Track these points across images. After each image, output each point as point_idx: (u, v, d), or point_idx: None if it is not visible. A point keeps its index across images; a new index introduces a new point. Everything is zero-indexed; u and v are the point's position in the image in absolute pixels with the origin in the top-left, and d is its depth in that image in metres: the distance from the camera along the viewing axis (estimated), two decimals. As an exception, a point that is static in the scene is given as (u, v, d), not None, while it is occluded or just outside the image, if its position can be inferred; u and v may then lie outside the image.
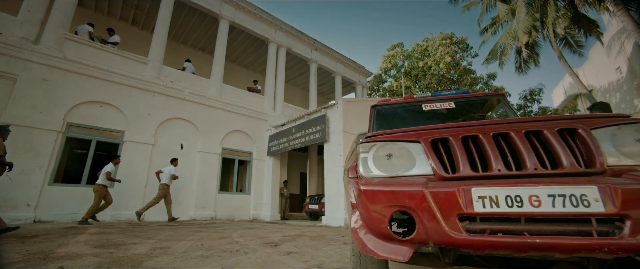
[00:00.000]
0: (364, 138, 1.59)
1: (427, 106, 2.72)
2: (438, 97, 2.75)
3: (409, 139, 1.40)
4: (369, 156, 1.42)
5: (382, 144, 1.43)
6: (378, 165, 1.38)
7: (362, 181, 1.35)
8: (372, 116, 2.83)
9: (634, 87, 14.48)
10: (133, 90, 7.78)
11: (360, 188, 1.28)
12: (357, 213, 1.33)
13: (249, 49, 13.33)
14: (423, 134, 1.39)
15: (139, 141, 7.59)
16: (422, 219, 1.11)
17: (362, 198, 1.26)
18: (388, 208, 1.17)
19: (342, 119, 7.67)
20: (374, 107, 2.90)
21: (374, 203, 1.21)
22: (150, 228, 5.46)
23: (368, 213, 1.23)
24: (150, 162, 7.68)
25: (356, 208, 1.34)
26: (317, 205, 8.98)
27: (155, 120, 8.02)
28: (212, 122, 9.31)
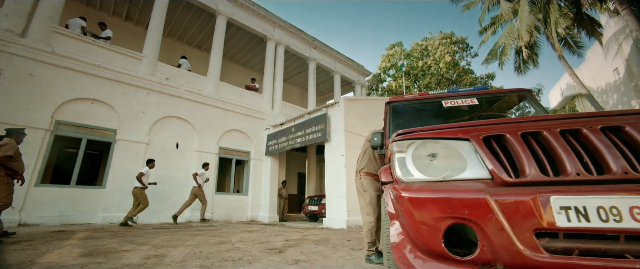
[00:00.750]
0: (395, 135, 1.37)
1: (448, 102, 2.51)
2: (460, 93, 2.55)
3: (454, 136, 1.18)
4: (407, 157, 1.20)
5: (422, 142, 1.21)
6: (419, 167, 1.16)
7: (401, 186, 1.12)
8: (387, 113, 2.62)
9: (632, 88, 14.54)
10: (126, 87, 7.46)
11: (402, 195, 1.06)
12: (397, 225, 1.11)
13: (247, 47, 13.05)
14: (471, 130, 1.18)
15: (133, 140, 7.27)
16: (487, 235, 0.89)
17: (406, 207, 1.03)
18: (441, 220, 0.95)
19: (344, 118, 7.46)
20: (389, 104, 2.68)
21: (422, 213, 0.99)
22: (144, 231, 5.17)
23: (414, 226, 1.01)
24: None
25: (396, 218, 1.12)
26: (317, 206, 8.75)
27: (149, 118, 7.71)
28: (209, 120, 9.02)
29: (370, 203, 2.69)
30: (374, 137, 2.42)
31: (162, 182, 7.66)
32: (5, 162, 3.65)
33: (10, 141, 3.82)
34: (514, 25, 13.16)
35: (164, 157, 7.82)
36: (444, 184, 1.04)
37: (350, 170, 7.16)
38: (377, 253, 2.62)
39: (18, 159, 3.87)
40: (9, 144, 3.75)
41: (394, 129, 2.46)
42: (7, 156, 3.64)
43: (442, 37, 14.87)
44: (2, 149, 3.66)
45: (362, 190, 2.78)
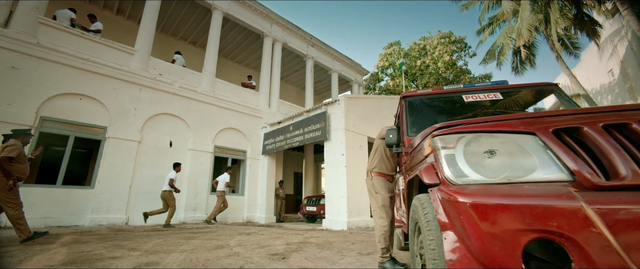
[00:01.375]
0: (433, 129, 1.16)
1: (469, 97, 2.32)
2: (483, 87, 2.36)
3: (513, 128, 0.98)
4: (457, 153, 0.99)
5: (474, 137, 1.00)
6: (474, 166, 0.95)
7: (452, 188, 0.91)
8: (403, 108, 2.41)
9: (626, 90, 14.68)
10: (117, 82, 7.12)
11: (460, 200, 0.85)
12: (451, 238, 0.89)
13: (243, 44, 12.74)
14: (535, 121, 0.97)
15: (124, 137, 6.94)
16: (587, 255, 0.68)
17: (467, 216, 0.82)
18: (520, 234, 0.75)
19: (344, 116, 7.25)
20: (404, 98, 2.47)
21: (492, 224, 0.78)
22: (135, 234, 4.88)
23: (480, 240, 0.80)
24: (135, 161, 7.04)
25: (450, 229, 0.90)
26: (315, 207, 8.53)
27: (141, 115, 7.38)
28: (204, 118, 8.71)
29: (383, 206, 2.49)
30: (389, 134, 2.21)
31: (155, 183, 7.34)
32: (4, 163, 3.44)
33: (16, 142, 3.66)
34: (512, 26, 13.14)
35: (156, 156, 7.50)
36: (516, 188, 0.83)
37: (350, 170, 6.96)
38: (391, 259, 2.42)
39: (23, 161, 3.70)
40: (14, 145, 3.59)
41: (411, 125, 2.25)
42: (7, 157, 3.46)
43: (440, 37, 14.79)
44: (5, 150, 3.50)
45: (374, 191, 2.57)
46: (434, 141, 1.10)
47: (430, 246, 1.01)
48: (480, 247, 0.79)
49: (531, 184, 0.86)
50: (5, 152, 3.48)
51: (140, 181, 7.05)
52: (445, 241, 0.89)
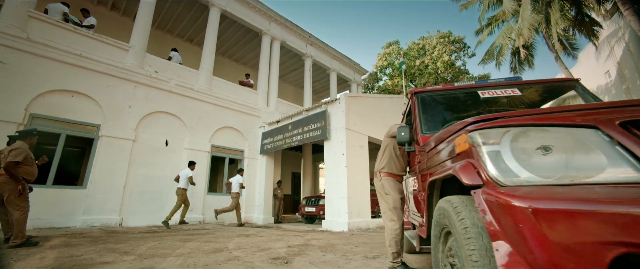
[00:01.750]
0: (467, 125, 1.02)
1: (485, 93, 2.19)
2: (500, 83, 2.23)
3: (568, 121, 0.84)
4: (503, 150, 0.86)
5: (522, 131, 0.87)
6: (526, 164, 0.82)
7: (502, 190, 0.77)
8: (415, 104, 2.27)
9: (623, 91, 14.76)
10: (111, 79, 6.90)
11: (516, 205, 0.71)
12: (504, 249, 0.75)
13: (241, 42, 12.54)
14: (595, 113, 0.84)
15: (118, 136, 6.73)
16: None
17: (530, 225, 0.69)
18: (604, 248, 0.61)
19: (345, 115, 7.11)
20: (416, 94, 2.34)
21: (566, 235, 0.64)
22: (129, 236, 4.69)
23: (548, 255, 0.66)
24: (130, 160, 6.83)
25: (502, 238, 0.76)
26: (314, 207, 8.37)
27: (136, 113, 7.17)
28: (201, 117, 8.52)
29: (394, 208, 2.35)
30: (400, 131, 2.08)
31: (150, 183, 7.14)
32: (11, 168, 3.40)
33: (22, 144, 3.57)
34: (511, 26, 13.13)
35: (152, 155, 7.30)
36: (588, 191, 0.70)
37: (351, 170, 6.83)
38: (402, 264, 2.28)
39: (30, 163, 3.63)
40: (19, 148, 3.50)
41: (425, 122, 2.12)
42: (14, 162, 3.41)
43: (439, 36, 14.73)
44: (11, 154, 3.42)
45: (384, 193, 2.43)
46: (472, 136, 0.97)
47: (471, 257, 0.87)
48: (547, 262, 0.65)
49: (602, 186, 0.72)
50: (11, 156, 3.40)
51: (134, 181, 6.85)
52: (497, 253, 0.75)
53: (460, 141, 1.06)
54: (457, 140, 1.09)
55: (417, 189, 2.19)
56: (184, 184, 6.86)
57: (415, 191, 2.28)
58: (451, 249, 1.15)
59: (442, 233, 1.25)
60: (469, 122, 1.09)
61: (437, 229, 1.28)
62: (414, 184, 2.30)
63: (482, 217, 0.81)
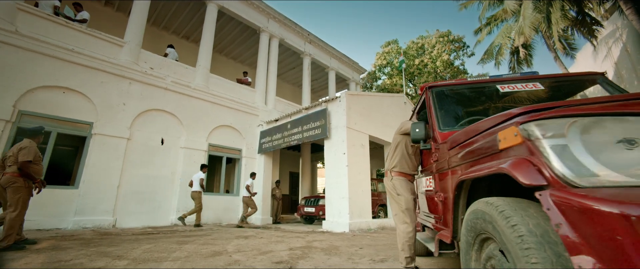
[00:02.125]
0: (514, 116, 0.88)
1: (505, 87, 2.06)
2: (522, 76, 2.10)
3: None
4: (572, 144, 0.72)
5: (595, 121, 0.73)
6: (607, 160, 0.67)
7: (576, 192, 0.63)
8: (430, 100, 2.13)
9: (620, 91, 14.82)
10: (105, 75, 6.68)
11: (610, 211, 0.56)
12: (587, 265, 0.60)
13: (238, 39, 12.34)
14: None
15: (112, 134, 6.51)
16: None
17: (632, 238, 0.54)
18: None
19: (346, 113, 6.97)
20: (430, 89, 2.20)
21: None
22: (122, 238, 4.49)
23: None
24: (124, 159, 6.62)
25: (589, 253, 0.61)
26: (313, 208, 8.22)
27: (131, 111, 6.95)
28: (198, 115, 8.31)
29: (406, 209, 2.21)
30: (415, 128, 1.94)
31: (145, 182, 6.93)
32: (25, 167, 3.39)
33: (30, 143, 3.55)
34: (510, 26, 13.10)
35: (147, 154, 7.09)
36: None
37: (352, 169, 6.69)
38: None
39: (37, 162, 3.58)
40: (29, 147, 3.48)
41: (443, 117, 1.98)
42: (27, 161, 3.39)
43: (439, 36, 14.66)
44: (22, 153, 3.39)
45: (395, 193, 2.29)
46: (527, 128, 0.82)
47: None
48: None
49: None
50: (22, 155, 3.37)
51: (129, 181, 6.63)
52: (576, 266, 0.61)
53: (507, 134, 0.91)
54: (503, 133, 0.94)
55: (432, 189, 2.05)
56: (198, 186, 6.96)
57: (429, 192, 2.14)
58: (492, 259, 1.00)
59: (477, 239, 1.11)
60: (515, 113, 0.95)
61: (471, 235, 1.14)
62: (428, 183, 2.15)
63: (554, 225, 0.67)
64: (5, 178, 3.38)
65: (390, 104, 9.12)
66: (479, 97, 2.16)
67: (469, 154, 1.27)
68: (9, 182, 3.36)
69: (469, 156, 1.26)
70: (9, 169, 3.42)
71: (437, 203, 1.99)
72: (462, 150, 1.36)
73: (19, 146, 3.47)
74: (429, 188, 2.14)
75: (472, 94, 2.16)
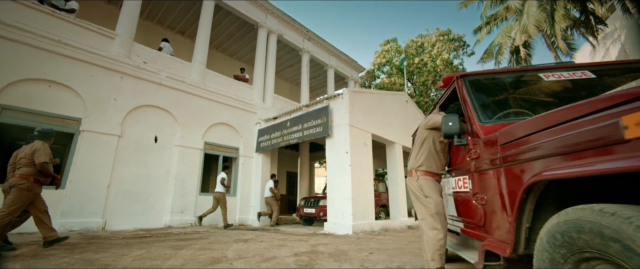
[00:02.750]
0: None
1: (550, 75, 1.82)
2: (567, 64, 1.87)
3: None
4: None
5: None
6: None
7: None
8: (464, 90, 1.88)
9: (617, 92, 14.88)
10: (95, 68, 6.30)
11: None
12: None
13: (235, 35, 11.99)
14: None
15: (101, 131, 6.14)
16: None
17: None
18: None
19: (349, 111, 6.71)
20: (462, 78, 1.95)
21: None
22: (112, 243, 4.16)
23: None
24: (115, 157, 6.26)
25: None
26: (313, 209, 7.94)
27: (122, 107, 6.58)
28: (193, 112, 7.97)
29: (436, 213, 1.95)
30: (448, 121, 1.70)
31: (138, 182, 6.58)
32: (45, 168, 3.43)
33: (43, 144, 3.57)
34: (510, 25, 13.03)
35: (139, 152, 6.73)
36: None
37: (355, 169, 6.44)
38: (447, 283, 1.88)
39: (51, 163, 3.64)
40: (42, 148, 3.50)
41: (482, 109, 1.73)
42: (45, 162, 3.43)
43: (439, 34, 14.52)
44: (37, 154, 3.42)
45: (422, 195, 2.03)
46: None
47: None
48: None
49: None
50: (38, 157, 3.40)
51: (120, 180, 6.28)
52: None
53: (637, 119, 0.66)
54: (634, 118, 0.69)
55: (468, 190, 1.79)
56: (221, 188, 7.07)
57: (462, 194, 1.89)
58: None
59: (572, 258, 0.86)
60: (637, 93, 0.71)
61: (560, 253, 0.89)
62: (461, 184, 1.90)
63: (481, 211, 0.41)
64: (15, 179, 3.37)
65: (392, 103, 8.90)
66: (520, 86, 1.92)
67: (543, 148, 1.02)
68: (16, 183, 3.34)
69: (546, 151, 1.01)
70: (19, 171, 3.39)
71: (473, 207, 1.74)
72: (529, 144, 1.11)
73: (33, 148, 3.46)
74: (462, 190, 1.89)
75: (512, 83, 1.92)
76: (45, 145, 3.57)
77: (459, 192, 1.96)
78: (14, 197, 3.30)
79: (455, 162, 2.09)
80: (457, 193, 1.99)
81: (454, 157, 2.10)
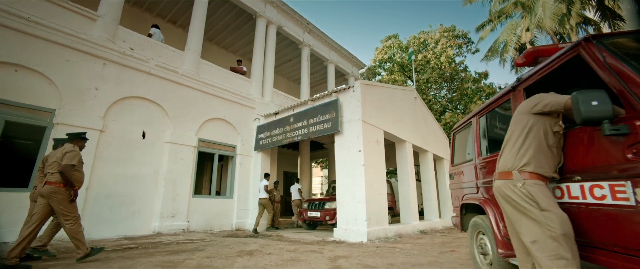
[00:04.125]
0: None
1: None
2: None
3: None
4: None
5: None
6: None
7: None
8: (607, 57, 1.26)
9: (619, 92, 14.80)
10: (72, 52, 5.48)
11: None
12: None
13: (231, 26, 11.20)
14: None
15: (79, 124, 5.32)
16: None
17: None
18: None
19: (361, 105, 6.09)
20: (598, 41, 1.34)
21: None
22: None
23: None
24: (95, 155, 5.46)
25: None
26: (319, 212, 7.28)
27: (105, 97, 5.78)
28: (187, 105, 7.20)
29: (563, 235, 1.33)
30: (590, 100, 1.11)
31: (122, 183, 5.78)
32: (67, 171, 3.19)
33: (74, 148, 3.42)
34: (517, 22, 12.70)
35: (124, 150, 5.94)
36: None
37: (369, 169, 5.82)
38: None
39: (80, 169, 3.43)
40: (73, 151, 3.35)
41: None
42: (70, 165, 3.22)
43: (443, 30, 14.07)
44: (66, 157, 3.25)
45: (536, 207, 1.41)
46: None
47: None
48: None
49: None
50: (67, 159, 3.23)
51: (101, 181, 5.48)
52: None
53: None
54: None
55: (626, 203, 1.18)
56: (264, 194, 7.30)
57: (610, 207, 1.27)
58: None
59: None
60: None
61: None
62: (610, 194, 1.28)
63: None
64: (47, 188, 3.15)
65: (402, 98, 8.33)
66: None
67: None
68: (51, 193, 3.13)
69: None
70: (51, 177, 3.20)
71: (636, 227, 1.12)
72: None
73: (64, 150, 3.30)
74: (607, 202, 1.27)
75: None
76: (76, 148, 3.41)
77: (593, 205, 1.34)
78: (63, 207, 3.18)
79: (579, 161, 1.47)
80: (589, 206, 1.37)
81: (575, 153, 1.48)
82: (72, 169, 3.22)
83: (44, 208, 3.15)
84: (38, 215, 3.10)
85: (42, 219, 3.14)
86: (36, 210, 3.12)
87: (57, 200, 3.14)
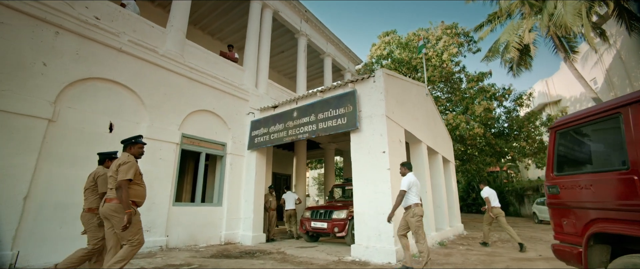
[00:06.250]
0: None
1: None
2: None
3: None
4: None
5: None
6: None
7: None
8: None
9: (610, 98, 15.00)
10: (8, 13, 4.06)
11: None
12: None
13: (219, 9, 9.86)
14: None
15: (20, 111, 3.93)
16: None
17: None
18: None
19: (385, 98, 5.12)
20: None
21: None
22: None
23: None
24: (41, 152, 4.08)
25: None
26: (325, 222, 6.22)
27: (57, 76, 4.39)
28: (168, 93, 5.89)
29: None
30: None
31: (80, 190, 4.41)
32: (125, 188, 2.64)
33: (130, 157, 2.82)
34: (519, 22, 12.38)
35: (83, 146, 4.57)
36: None
37: (394, 174, 4.85)
38: None
39: (139, 181, 2.89)
40: (128, 162, 2.75)
41: None
42: (126, 180, 2.66)
43: (445, 28, 13.52)
44: (122, 170, 2.69)
45: None
46: None
47: None
48: None
49: None
50: (122, 173, 2.67)
51: (47, 187, 4.10)
52: None
53: None
54: None
55: None
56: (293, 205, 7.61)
57: None
58: None
59: None
60: None
61: None
62: None
63: None
64: (107, 207, 2.69)
65: (417, 94, 7.49)
66: None
67: None
68: (111, 213, 2.66)
69: None
70: (111, 193, 2.73)
71: None
72: None
73: (118, 162, 2.77)
74: None
75: None
76: (131, 158, 2.83)
77: None
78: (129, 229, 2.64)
79: None
80: None
81: None
82: (129, 184, 2.71)
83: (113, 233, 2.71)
84: (111, 242, 2.74)
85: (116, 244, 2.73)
86: (107, 237, 2.77)
87: (117, 220, 2.66)
